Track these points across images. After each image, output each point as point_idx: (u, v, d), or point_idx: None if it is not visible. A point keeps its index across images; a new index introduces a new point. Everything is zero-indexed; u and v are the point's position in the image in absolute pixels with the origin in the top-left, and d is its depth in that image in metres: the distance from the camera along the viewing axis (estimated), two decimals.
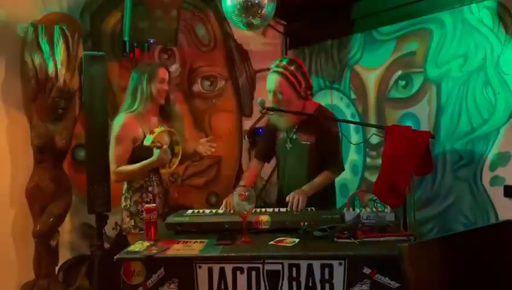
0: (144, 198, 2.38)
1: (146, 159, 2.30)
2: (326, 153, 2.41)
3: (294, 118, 2.38)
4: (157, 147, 2.26)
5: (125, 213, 2.41)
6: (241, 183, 2.45)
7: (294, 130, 2.43)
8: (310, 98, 2.43)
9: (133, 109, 2.36)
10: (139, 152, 2.33)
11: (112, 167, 2.36)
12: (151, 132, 2.29)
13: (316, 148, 2.40)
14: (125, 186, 2.44)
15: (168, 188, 2.51)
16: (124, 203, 2.43)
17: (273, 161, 2.67)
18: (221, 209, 2.22)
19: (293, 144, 2.44)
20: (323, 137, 2.39)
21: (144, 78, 2.36)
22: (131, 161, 2.34)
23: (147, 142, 2.25)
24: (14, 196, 2.77)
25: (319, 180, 2.38)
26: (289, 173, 2.48)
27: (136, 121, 2.35)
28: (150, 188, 2.41)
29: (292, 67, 2.31)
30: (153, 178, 2.42)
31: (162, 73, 2.41)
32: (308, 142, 2.40)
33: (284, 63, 2.33)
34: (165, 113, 2.50)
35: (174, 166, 2.46)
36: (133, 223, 2.37)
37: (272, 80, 2.32)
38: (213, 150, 2.56)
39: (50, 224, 2.73)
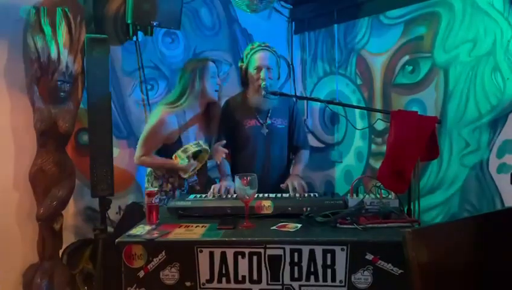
0: (163, 187, 2.40)
1: (171, 151, 2.32)
2: (299, 133, 2.55)
3: (271, 103, 2.42)
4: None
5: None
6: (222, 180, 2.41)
7: (269, 114, 2.44)
8: None
9: (177, 104, 2.34)
10: (168, 147, 2.36)
11: (138, 152, 2.40)
12: (185, 150, 2.27)
13: (289, 130, 2.52)
14: (148, 170, 2.49)
15: (196, 183, 2.51)
16: (146, 185, 2.49)
17: None
18: (209, 195, 2.18)
19: (269, 129, 2.46)
20: (293, 118, 2.53)
21: (196, 74, 2.34)
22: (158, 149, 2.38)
23: (182, 162, 2.26)
24: (17, 180, 2.77)
25: (302, 161, 2.52)
26: (266, 158, 2.48)
27: (174, 117, 2.34)
28: (171, 179, 2.43)
29: (274, 49, 2.42)
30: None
31: (213, 67, 2.41)
32: (283, 126, 2.49)
33: (267, 44, 2.42)
34: (210, 111, 2.48)
35: (194, 172, 2.42)
36: None
37: (266, 57, 2.37)
38: (224, 156, 2.45)
39: (53, 207, 2.73)
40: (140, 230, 1.80)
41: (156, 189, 1.95)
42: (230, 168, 2.50)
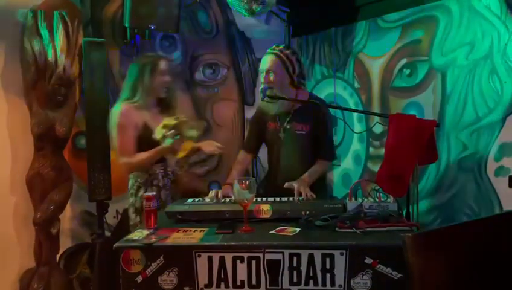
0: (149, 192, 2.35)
1: (154, 146, 2.26)
2: (321, 142, 2.42)
3: (288, 106, 2.37)
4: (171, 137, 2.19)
5: (131, 210, 2.41)
6: (228, 180, 2.35)
7: (288, 119, 2.42)
8: (301, 88, 2.43)
9: (133, 101, 2.33)
10: (146, 140, 2.29)
11: (120, 159, 2.32)
12: (164, 125, 2.20)
13: (310, 137, 2.40)
14: (130, 182, 2.42)
15: (174, 178, 2.48)
16: (130, 200, 2.42)
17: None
18: (209, 198, 2.17)
19: (286, 134, 2.42)
20: (317, 126, 2.39)
21: (145, 71, 2.33)
22: (139, 150, 2.31)
23: (159, 134, 2.19)
24: (14, 184, 2.76)
25: (316, 169, 2.39)
26: (282, 163, 2.45)
27: (135, 109, 2.33)
28: (155, 181, 2.40)
29: (287, 52, 2.36)
30: (157, 171, 2.40)
31: (164, 65, 2.38)
32: (303, 132, 2.40)
33: (280, 47, 2.38)
34: (165, 104, 2.46)
35: (186, 152, 2.37)
36: (139, 219, 2.35)
37: (267, 60, 2.34)
38: (219, 151, 2.44)
39: (50, 212, 2.72)
40: (138, 235, 1.79)
41: (154, 193, 1.94)
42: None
